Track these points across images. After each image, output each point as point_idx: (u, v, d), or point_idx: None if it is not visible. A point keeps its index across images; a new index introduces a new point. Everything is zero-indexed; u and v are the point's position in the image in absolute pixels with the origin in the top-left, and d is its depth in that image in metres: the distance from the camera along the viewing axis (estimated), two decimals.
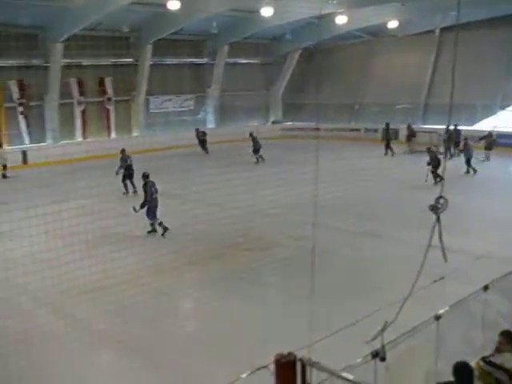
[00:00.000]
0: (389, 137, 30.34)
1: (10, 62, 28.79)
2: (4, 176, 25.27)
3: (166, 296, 10.96)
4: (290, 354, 4.53)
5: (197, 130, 32.12)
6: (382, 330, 5.06)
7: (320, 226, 7.02)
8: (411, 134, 30.93)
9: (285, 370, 4.47)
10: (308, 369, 4.51)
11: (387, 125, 31.07)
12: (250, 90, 40.32)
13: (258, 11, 30.48)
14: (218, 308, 10.61)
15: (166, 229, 15.15)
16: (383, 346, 5.05)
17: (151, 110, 35.94)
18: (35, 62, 29.65)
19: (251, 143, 28.10)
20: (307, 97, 39.67)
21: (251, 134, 28.58)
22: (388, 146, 29.90)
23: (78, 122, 32.17)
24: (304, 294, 6.64)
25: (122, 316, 9.97)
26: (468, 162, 23.81)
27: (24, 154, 27.11)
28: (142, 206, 15.05)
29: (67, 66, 30.73)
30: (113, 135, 33.63)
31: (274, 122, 42.30)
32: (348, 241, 14.80)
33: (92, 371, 8.52)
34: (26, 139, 30.22)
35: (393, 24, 34.37)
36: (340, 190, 17.69)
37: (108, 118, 33.54)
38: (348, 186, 19.44)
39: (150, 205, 15.21)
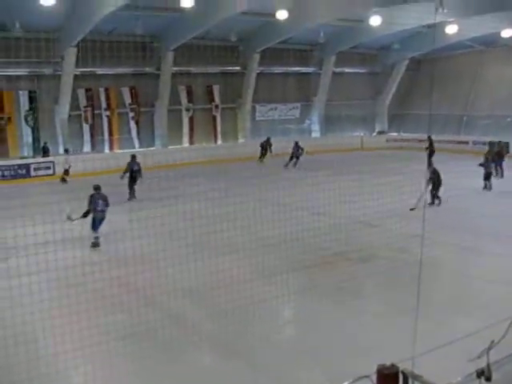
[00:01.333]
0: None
1: (125, 69, 30.05)
2: (63, 180, 26.14)
3: (267, 301, 11.08)
4: (392, 365, 4.52)
5: (296, 144, 31.37)
6: (489, 348, 4.95)
7: (427, 239, 6.92)
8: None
9: (387, 380, 4.45)
10: (410, 381, 4.48)
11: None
12: (356, 99, 40.12)
13: (365, 21, 30.31)
14: (319, 316, 10.63)
15: (96, 244, 15.19)
16: (489, 365, 4.93)
17: (257, 118, 36.45)
18: (147, 69, 30.80)
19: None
20: (413, 107, 39.04)
21: (297, 143, 30.19)
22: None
23: (186, 128, 33.11)
24: (406, 307, 6.59)
25: (224, 318, 10.18)
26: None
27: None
28: (82, 216, 15.10)
29: (177, 74, 31.77)
30: (219, 142, 34.36)
31: (379, 133, 41.84)
32: (453, 255, 14.45)
33: (194, 370, 8.75)
34: (136, 144, 31.40)
35: (507, 33, 33.21)
36: (446, 202, 17.31)
37: (215, 125, 34.36)
38: (453, 199, 18.98)
39: (94, 216, 15.29)
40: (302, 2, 26.72)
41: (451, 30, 30.91)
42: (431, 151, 28.56)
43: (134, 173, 21.45)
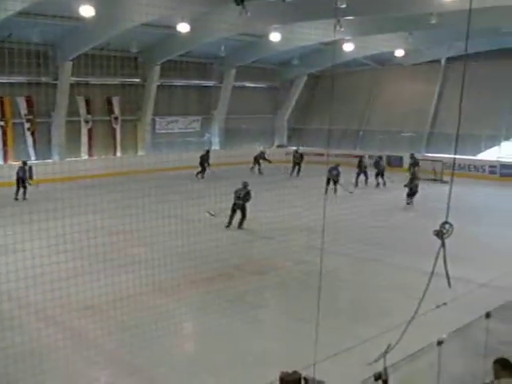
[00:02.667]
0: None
1: (20, 78, 29.04)
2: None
3: (165, 315, 10.98)
4: (295, 372, 4.61)
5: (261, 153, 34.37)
6: (385, 352, 5.13)
7: (323, 250, 7.09)
8: (414, 163, 31.05)
9: None
10: None
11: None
12: (256, 113, 40.57)
13: (266, 36, 30.79)
14: (219, 328, 10.64)
15: None
16: (385, 369, 5.11)
17: (157, 131, 36.14)
18: (44, 79, 29.89)
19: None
20: (312, 122, 39.98)
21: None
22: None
23: (85, 139, 32.36)
24: (306, 317, 6.72)
25: (121, 334, 9.99)
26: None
27: (30, 169, 27.30)
28: None
29: (76, 84, 31.02)
30: (118, 154, 33.83)
31: (278, 146, 42.47)
32: (350, 266, 14.87)
33: None
34: (32, 155, 30.39)
35: (399, 53, 34.69)
36: (341, 215, 17.74)
37: (114, 137, 33.74)
38: (350, 211, 19.51)
39: None
40: (203, 16, 26.82)
41: (348, 47, 31.93)
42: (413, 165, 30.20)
43: (20, 179, 23.42)
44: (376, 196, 25.32)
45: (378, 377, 5.07)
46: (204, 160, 31.62)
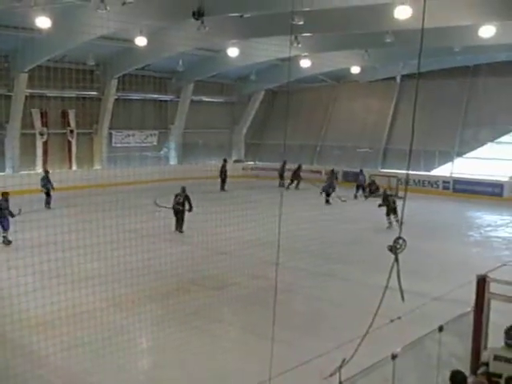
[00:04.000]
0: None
1: None
2: None
3: (121, 330, 10.85)
4: None
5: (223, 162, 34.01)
6: (340, 367, 5.16)
7: (279, 265, 7.12)
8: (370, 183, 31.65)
9: None
10: None
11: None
12: (214, 128, 40.59)
13: (224, 51, 30.89)
14: (176, 343, 10.55)
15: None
16: (341, 383, 5.14)
17: (114, 144, 35.81)
18: None
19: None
20: (269, 137, 40.16)
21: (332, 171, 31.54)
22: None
23: (39, 152, 31.88)
24: (262, 332, 6.71)
25: (74, 351, 9.83)
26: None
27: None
28: None
29: (31, 97, 30.59)
30: (74, 167, 33.40)
31: (235, 161, 42.52)
32: (305, 280, 14.93)
33: None
34: None
35: (355, 70, 35.14)
36: (299, 230, 17.86)
37: (70, 150, 33.32)
38: (307, 226, 19.64)
39: None
40: (161, 30, 26.79)
41: (305, 64, 32.21)
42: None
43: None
44: (335, 211, 25.52)
45: None
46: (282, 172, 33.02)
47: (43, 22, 22.47)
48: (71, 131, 33.18)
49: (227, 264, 15.27)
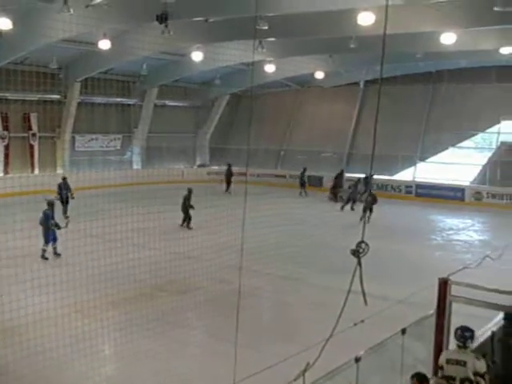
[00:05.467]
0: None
1: None
2: None
3: (83, 337, 10.71)
4: None
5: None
6: (304, 370, 5.16)
7: (243, 269, 7.12)
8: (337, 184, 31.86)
9: None
10: None
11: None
12: (178, 132, 40.40)
13: (188, 55, 30.80)
14: (140, 349, 10.47)
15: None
16: None
17: (77, 148, 35.42)
18: None
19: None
20: (234, 141, 40.14)
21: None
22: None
23: (0, 156, 31.37)
24: (227, 336, 6.68)
25: (35, 358, 9.64)
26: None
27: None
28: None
29: None
30: (36, 171, 32.92)
31: (199, 166, 42.43)
32: (271, 284, 14.95)
33: None
34: None
35: (320, 75, 35.35)
36: (264, 234, 17.85)
37: (32, 154, 32.85)
38: (272, 230, 19.64)
39: None
40: (125, 33, 26.63)
41: (269, 68, 32.31)
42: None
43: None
44: (297, 215, 25.59)
45: None
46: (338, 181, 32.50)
47: (4, 24, 22.13)
48: (33, 135, 32.74)
49: (192, 268, 15.19)
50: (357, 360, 6.06)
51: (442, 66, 33.73)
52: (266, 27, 20.67)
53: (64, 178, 24.34)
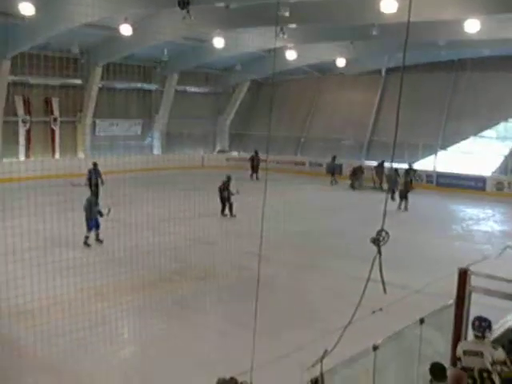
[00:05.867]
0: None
1: None
2: None
3: (103, 320, 10.81)
4: (231, 378, 4.61)
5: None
6: (322, 358, 5.17)
7: (262, 256, 7.14)
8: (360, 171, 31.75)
9: None
10: None
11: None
12: (198, 118, 40.42)
13: (209, 41, 30.75)
14: (161, 334, 10.57)
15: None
16: (322, 374, 5.16)
17: (97, 133, 35.61)
18: None
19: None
20: (254, 128, 40.09)
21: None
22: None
23: (22, 140, 31.61)
24: (245, 322, 6.70)
25: (55, 340, 9.75)
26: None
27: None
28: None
29: (14, 84, 30.32)
30: (57, 156, 33.15)
31: (219, 152, 42.45)
32: (289, 272, 14.96)
33: None
34: None
35: (341, 62, 35.12)
36: (283, 221, 17.86)
37: (53, 139, 33.07)
38: (291, 217, 19.65)
39: None
40: (146, 19, 26.64)
41: (290, 55, 32.15)
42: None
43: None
44: (315, 202, 25.57)
45: (314, 382, 5.11)
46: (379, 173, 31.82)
47: (27, 9, 22.26)
48: (54, 119, 32.93)
49: (211, 254, 15.28)
50: (374, 348, 6.06)
51: (464, 54, 33.35)
52: (288, 13, 20.56)
53: (95, 164, 23.96)
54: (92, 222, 16.71)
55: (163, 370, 9.07)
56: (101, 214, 16.87)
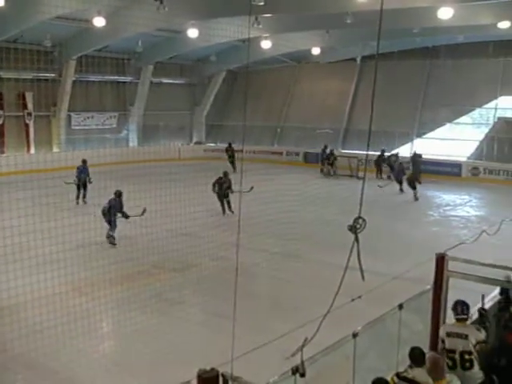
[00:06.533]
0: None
1: None
2: None
3: (81, 315, 10.73)
4: (212, 369, 4.58)
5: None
6: (302, 346, 5.16)
7: (241, 246, 7.12)
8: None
9: None
10: (230, 383, 4.58)
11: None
12: (174, 110, 40.27)
13: (183, 32, 30.58)
14: (137, 327, 10.50)
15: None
16: (303, 362, 5.16)
17: (73, 127, 35.30)
18: None
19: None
20: (230, 118, 40.01)
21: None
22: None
23: None
24: (224, 313, 6.69)
25: (33, 336, 9.67)
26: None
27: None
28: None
29: None
30: (32, 150, 32.81)
31: (196, 143, 42.33)
32: (267, 261, 14.97)
33: None
34: None
35: (316, 51, 35.17)
36: (261, 210, 17.85)
37: (27, 133, 32.73)
38: (269, 206, 19.64)
39: None
40: (120, 10, 26.38)
41: (266, 45, 32.11)
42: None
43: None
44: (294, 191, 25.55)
45: (295, 370, 5.11)
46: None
47: None
48: (29, 114, 32.58)
49: (188, 245, 15.22)
50: (354, 335, 6.09)
51: (438, 41, 33.57)
52: (262, 3, 20.51)
53: (84, 161, 23.41)
54: (115, 222, 16.45)
55: (143, 363, 9.04)
56: (126, 217, 16.67)
